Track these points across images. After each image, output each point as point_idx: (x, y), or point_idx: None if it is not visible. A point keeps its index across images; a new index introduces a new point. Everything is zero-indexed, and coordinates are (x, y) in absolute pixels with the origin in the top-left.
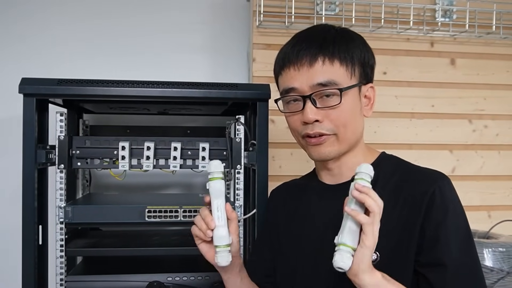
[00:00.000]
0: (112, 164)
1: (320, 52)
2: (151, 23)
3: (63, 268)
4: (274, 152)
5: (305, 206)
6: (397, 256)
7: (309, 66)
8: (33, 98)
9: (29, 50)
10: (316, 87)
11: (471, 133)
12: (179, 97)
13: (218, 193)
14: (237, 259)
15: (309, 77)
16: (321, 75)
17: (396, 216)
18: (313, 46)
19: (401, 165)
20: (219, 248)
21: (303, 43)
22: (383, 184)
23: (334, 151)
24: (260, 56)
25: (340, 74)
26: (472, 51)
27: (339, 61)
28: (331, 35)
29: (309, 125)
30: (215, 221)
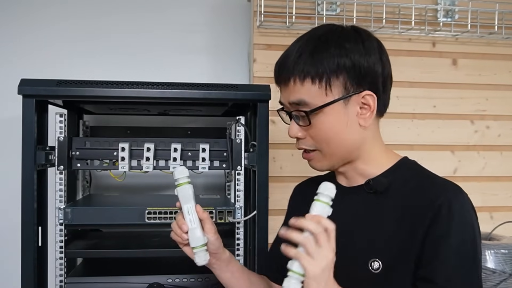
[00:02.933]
0: (112, 165)
1: (292, 72)
2: (151, 23)
3: (62, 270)
4: (275, 153)
5: None
6: (399, 265)
7: (285, 85)
8: (32, 99)
9: (28, 50)
10: (292, 105)
11: (473, 133)
12: (179, 98)
13: (187, 198)
14: (221, 255)
15: (286, 95)
16: (292, 95)
17: (402, 225)
18: (285, 65)
19: (418, 173)
20: (195, 249)
21: (282, 60)
22: (395, 192)
23: (325, 165)
24: (260, 56)
25: (311, 93)
26: (474, 52)
27: (310, 79)
28: (308, 49)
29: (297, 140)
30: (188, 224)
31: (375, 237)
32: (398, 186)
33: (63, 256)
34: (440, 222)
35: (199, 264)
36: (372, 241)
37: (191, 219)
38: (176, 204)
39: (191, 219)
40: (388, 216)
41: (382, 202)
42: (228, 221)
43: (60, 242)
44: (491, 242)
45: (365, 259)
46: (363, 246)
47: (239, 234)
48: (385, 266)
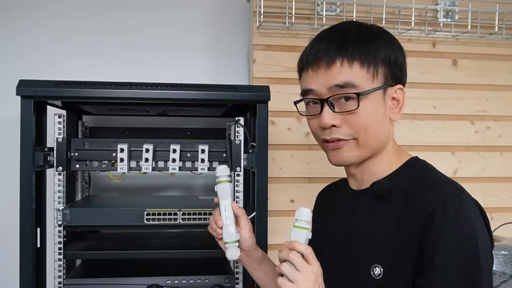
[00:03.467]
0: (111, 166)
1: (339, 53)
2: (151, 23)
3: (61, 271)
4: (274, 154)
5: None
6: (397, 272)
7: (327, 67)
8: (30, 100)
9: (26, 51)
10: (334, 89)
11: (473, 134)
12: (178, 99)
13: (225, 195)
14: (254, 253)
15: (327, 79)
16: (338, 77)
17: (400, 230)
18: (331, 47)
19: (424, 174)
20: (227, 244)
21: (323, 43)
22: (398, 195)
23: (353, 156)
24: (260, 57)
25: (360, 77)
26: (474, 52)
27: (359, 63)
28: (353, 34)
29: (327, 130)
30: (223, 220)
31: (377, 242)
32: (401, 189)
33: (61, 257)
34: (434, 228)
35: (229, 258)
36: (374, 246)
37: (226, 216)
38: (214, 199)
39: (226, 215)
40: (388, 221)
41: (384, 206)
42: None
43: (58, 243)
44: None
45: (368, 265)
46: (365, 252)
47: None
48: (385, 272)
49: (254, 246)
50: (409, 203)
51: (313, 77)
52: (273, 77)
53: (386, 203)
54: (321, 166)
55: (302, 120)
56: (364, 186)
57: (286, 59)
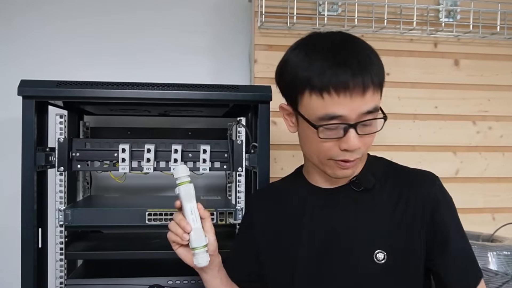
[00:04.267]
0: (112, 167)
1: (372, 80)
2: (152, 23)
3: (63, 272)
4: (276, 154)
5: (297, 211)
6: (403, 254)
7: (362, 95)
8: (32, 100)
9: (28, 51)
10: (364, 115)
11: (475, 134)
12: (179, 99)
13: (189, 196)
14: (216, 258)
15: (360, 106)
16: (369, 103)
17: (402, 216)
18: (365, 73)
19: (391, 167)
20: (197, 249)
21: (352, 67)
22: (380, 186)
23: (358, 170)
24: (261, 57)
25: (379, 100)
26: (476, 52)
27: (379, 88)
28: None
29: (348, 152)
30: (191, 224)
31: (376, 229)
32: (380, 182)
33: (63, 257)
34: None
35: (200, 265)
36: (374, 233)
37: (194, 219)
38: (175, 203)
39: (194, 218)
40: (383, 209)
41: (372, 197)
42: (229, 223)
43: (60, 243)
44: (493, 244)
45: (369, 252)
46: (365, 240)
47: None
48: (389, 256)
49: (217, 250)
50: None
51: (346, 102)
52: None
53: (372, 193)
54: None
55: None
56: (341, 183)
57: None
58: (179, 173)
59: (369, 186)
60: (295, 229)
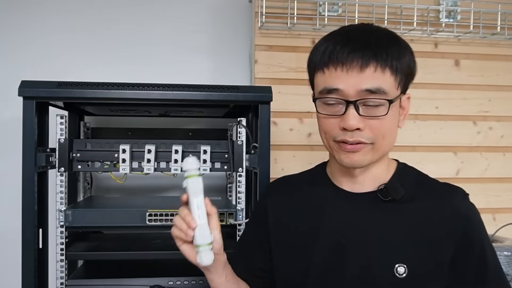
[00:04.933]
0: (113, 167)
1: (374, 57)
2: (153, 24)
3: (63, 272)
4: (276, 155)
5: (316, 211)
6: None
7: (360, 70)
8: (32, 101)
9: (29, 51)
10: (364, 93)
11: (476, 135)
12: (179, 100)
13: (197, 190)
14: (221, 256)
15: (358, 82)
16: (371, 82)
17: (427, 231)
18: (366, 49)
19: (422, 179)
20: (201, 247)
21: (355, 44)
22: (408, 198)
23: (366, 160)
24: (262, 57)
25: (389, 84)
26: (477, 52)
27: (390, 70)
28: (384, 40)
29: (349, 132)
30: (196, 220)
31: (398, 242)
32: (410, 193)
33: (63, 258)
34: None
35: (204, 264)
36: (396, 246)
37: (200, 214)
38: (182, 197)
39: (200, 214)
40: (409, 222)
41: (399, 208)
42: (230, 223)
43: (60, 244)
44: (494, 244)
45: (390, 265)
46: (386, 253)
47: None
48: (410, 270)
49: (222, 248)
50: (428, 206)
51: (342, 76)
52: (275, 78)
53: (400, 205)
54: None
55: (304, 121)
56: (366, 189)
57: (288, 59)
58: (188, 165)
59: (398, 197)
60: (312, 230)
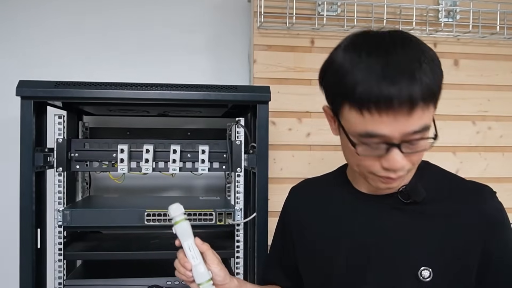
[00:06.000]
0: (111, 167)
1: (421, 97)
2: (151, 23)
3: (61, 272)
4: (275, 154)
5: (337, 214)
6: (451, 273)
7: (408, 115)
8: (30, 100)
9: (27, 51)
10: (410, 135)
11: (475, 134)
12: (178, 99)
13: (187, 234)
14: (231, 284)
15: (405, 126)
16: (418, 123)
17: (452, 233)
18: (414, 87)
19: (446, 177)
20: (202, 285)
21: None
22: (431, 198)
23: (403, 183)
24: (261, 57)
25: (430, 116)
26: (476, 52)
27: (433, 104)
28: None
29: (391, 171)
30: (191, 261)
31: (423, 245)
32: (432, 192)
33: (62, 258)
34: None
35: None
36: (420, 249)
37: (193, 255)
38: (175, 242)
39: (193, 255)
40: (432, 224)
41: (421, 210)
42: (228, 223)
43: (59, 244)
44: None
45: (415, 268)
46: (411, 255)
47: (239, 237)
48: (435, 274)
49: (228, 277)
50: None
51: (387, 122)
52: (273, 77)
53: (422, 206)
54: (322, 167)
55: (303, 121)
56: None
57: (287, 59)
58: (172, 213)
59: (419, 199)
60: (334, 233)
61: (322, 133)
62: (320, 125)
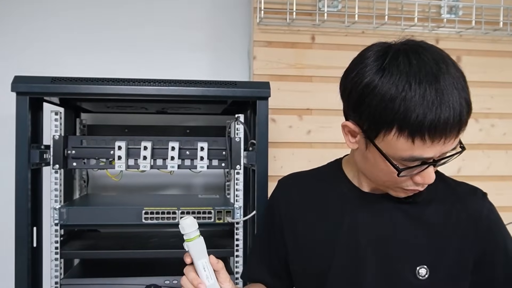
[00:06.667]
0: (108, 164)
1: (465, 123)
2: (150, 19)
3: (58, 271)
4: (275, 152)
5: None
6: (447, 272)
7: (452, 140)
8: (26, 96)
9: (22, 46)
10: (447, 152)
11: (478, 132)
12: (176, 95)
13: (201, 252)
14: None
15: (447, 148)
16: (455, 143)
17: (448, 233)
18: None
19: (441, 179)
20: None
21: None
22: (428, 199)
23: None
24: (261, 53)
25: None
26: (479, 48)
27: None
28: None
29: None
30: (205, 282)
31: (420, 244)
32: (429, 193)
33: (58, 257)
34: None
35: None
36: (418, 248)
37: (207, 275)
38: (185, 258)
39: (207, 275)
40: (429, 223)
41: (419, 210)
42: (227, 222)
43: (55, 242)
44: None
45: (412, 266)
46: (408, 254)
47: (238, 235)
48: (432, 272)
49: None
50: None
51: (435, 148)
52: (274, 74)
53: (420, 206)
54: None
55: (303, 118)
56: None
57: (287, 55)
58: (187, 229)
59: (418, 199)
60: (331, 231)
61: (323, 130)
62: (320, 123)
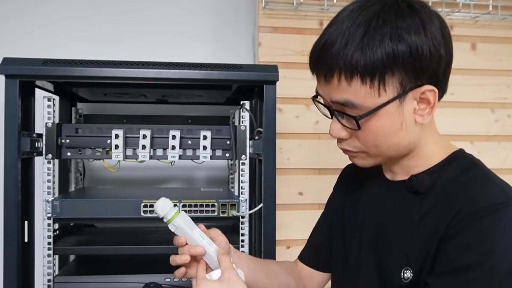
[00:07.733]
0: (105, 154)
1: (337, 64)
2: (152, 4)
3: (51, 268)
4: (282, 143)
5: (365, 195)
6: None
7: (325, 80)
8: (16, 79)
9: (14, 30)
10: (335, 104)
11: (494, 123)
12: (177, 79)
13: (191, 225)
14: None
15: (328, 92)
16: (336, 94)
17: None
18: (330, 54)
19: (469, 171)
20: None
21: (326, 45)
22: (438, 192)
23: (369, 163)
24: (266, 39)
25: (361, 95)
26: (495, 35)
27: (359, 78)
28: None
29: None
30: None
31: (410, 243)
32: (442, 186)
33: (51, 253)
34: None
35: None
36: (407, 247)
37: (208, 242)
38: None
39: (208, 241)
40: (424, 220)
41: (422, 203)
42: (232, 215)
43: (48, 237)
44: None
45: (399, 268)
46: (398, 254)
47: (244, 230)
48: (414, 276)
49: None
50: (446, 202)
51: (318, 81)
52: (280, 61)
53: (424, 198)
54: (331, 157)
55: (311, 108)
56: (399, 178)
57: (294, 42)
58: (164, 210)
59: (420, 189)
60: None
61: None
62: None
